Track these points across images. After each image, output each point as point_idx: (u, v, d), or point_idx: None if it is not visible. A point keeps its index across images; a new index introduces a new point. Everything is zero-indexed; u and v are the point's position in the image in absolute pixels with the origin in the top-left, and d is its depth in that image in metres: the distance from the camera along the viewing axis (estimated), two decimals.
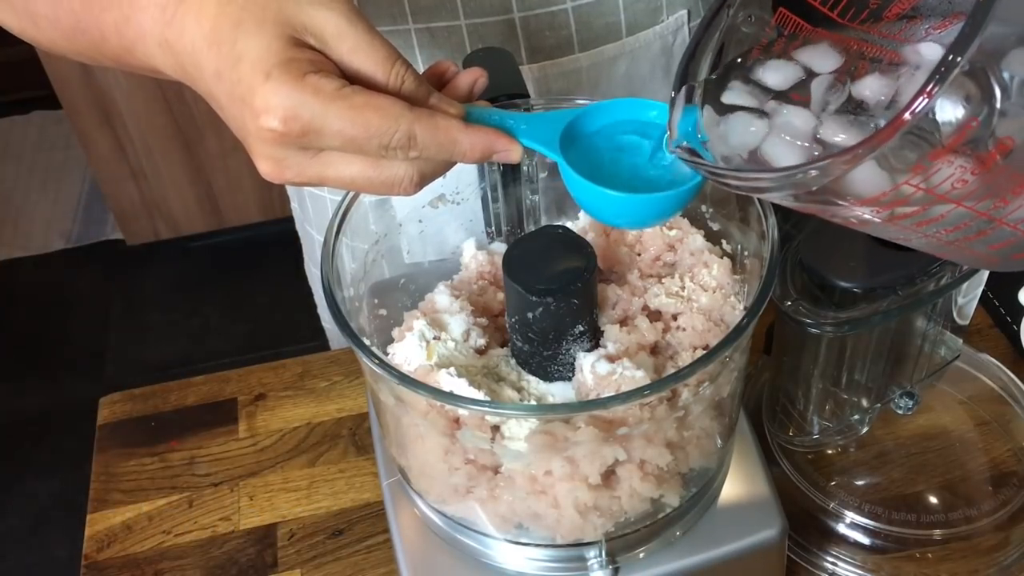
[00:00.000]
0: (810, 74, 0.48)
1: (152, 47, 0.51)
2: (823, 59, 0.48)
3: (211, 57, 0.48)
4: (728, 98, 0.50)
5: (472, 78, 0.55)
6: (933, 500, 0.79)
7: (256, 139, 0.48)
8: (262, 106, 0.46)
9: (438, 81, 0.55)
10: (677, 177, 0.52)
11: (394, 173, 0.50)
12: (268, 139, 0.48)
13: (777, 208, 0.59)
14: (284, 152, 0.49)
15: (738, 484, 0.68)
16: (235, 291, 2.42)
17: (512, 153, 0.52)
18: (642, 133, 0.55)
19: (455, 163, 0.52)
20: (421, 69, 0.54)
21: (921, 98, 0.36)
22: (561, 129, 0.54)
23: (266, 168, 0.50)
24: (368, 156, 0.49)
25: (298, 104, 0.46)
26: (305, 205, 0.95)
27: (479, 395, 0.58)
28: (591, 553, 0.62)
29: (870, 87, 0.46)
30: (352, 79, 0.48)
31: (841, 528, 0.78)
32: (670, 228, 0.68)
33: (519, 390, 0.62)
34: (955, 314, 0.76)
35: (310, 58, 0.47)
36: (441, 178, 0.53)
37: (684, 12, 0.83)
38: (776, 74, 0.49)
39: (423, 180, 0.51)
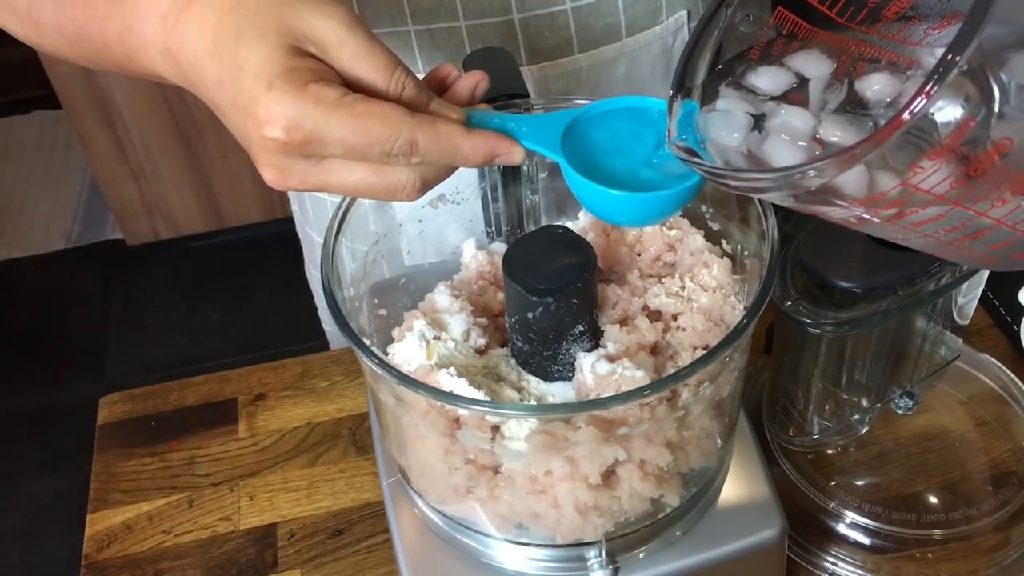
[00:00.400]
0: (802, 80, 0.48)
1: (154, 55, 0.51)
2: (815, 65, 0.48)
3: (213, 67, 0.48)
4: (722, 106, 0.50)
5: (473, 82, 0.55)
6: (933, 500, 0.79)
7: (259, 148, 0.48)
8: (265, 116, 0.47)
9: (439, 86, 0.55)
10: (677, 176, 0.52)
11: (396, 179, 0.50)
12: (271, 148, 0.48)
13: (777, 208, 0.59)
14: (287, 160, 0.49)
15: (738, 484, 0.68)
16: (235, 291, 2.42)
17: (514, 156, 0.52)
18: (643, 132, 0.55)
19: (457, 168, 0.52)
20: (421, 70, 0.54)
21: (919, 98, 0.36)
22: (562, 130, 0.54)
23: (270, 176, 0.50)
24: (371, 163, 0.49)
25: (300, 114, 0.46)
26: (305, 208, 0.95)
27: (479, 395, 0.58)
28: (591, 553, 0.62)
29: (874, 86, 0.46)
30: (353, 87, 0.49)
31: (841, 528, 0.78)
32: (670, 228, 0.68)
33: (519, 390, 0.62)
34: (955, 314, 0.76)
35: (311, 67, 0.47)
36: None
37: (684, 13, 0.83)
38: (768, 80, 0.49)
39: (425, 186, 0.51)
